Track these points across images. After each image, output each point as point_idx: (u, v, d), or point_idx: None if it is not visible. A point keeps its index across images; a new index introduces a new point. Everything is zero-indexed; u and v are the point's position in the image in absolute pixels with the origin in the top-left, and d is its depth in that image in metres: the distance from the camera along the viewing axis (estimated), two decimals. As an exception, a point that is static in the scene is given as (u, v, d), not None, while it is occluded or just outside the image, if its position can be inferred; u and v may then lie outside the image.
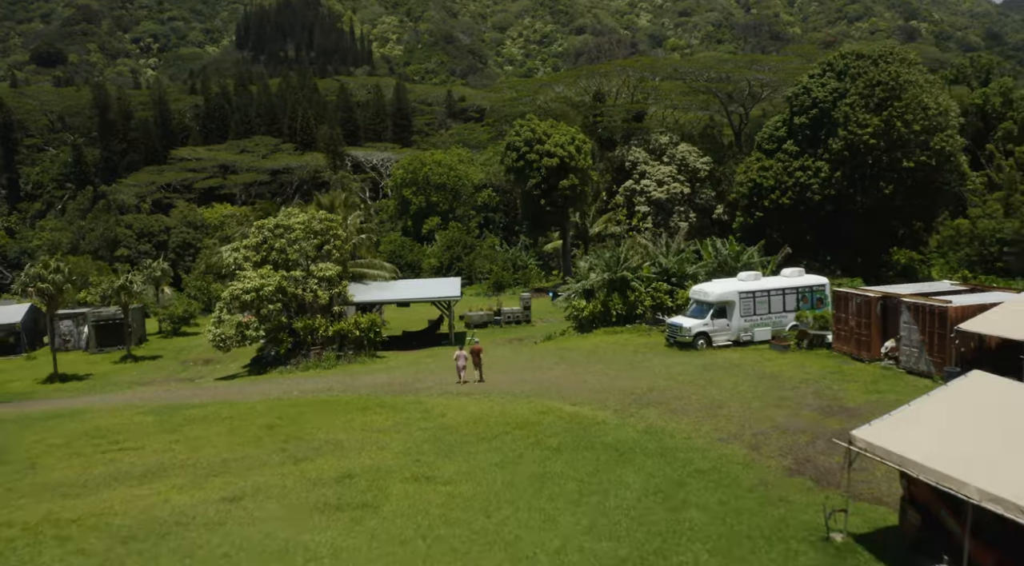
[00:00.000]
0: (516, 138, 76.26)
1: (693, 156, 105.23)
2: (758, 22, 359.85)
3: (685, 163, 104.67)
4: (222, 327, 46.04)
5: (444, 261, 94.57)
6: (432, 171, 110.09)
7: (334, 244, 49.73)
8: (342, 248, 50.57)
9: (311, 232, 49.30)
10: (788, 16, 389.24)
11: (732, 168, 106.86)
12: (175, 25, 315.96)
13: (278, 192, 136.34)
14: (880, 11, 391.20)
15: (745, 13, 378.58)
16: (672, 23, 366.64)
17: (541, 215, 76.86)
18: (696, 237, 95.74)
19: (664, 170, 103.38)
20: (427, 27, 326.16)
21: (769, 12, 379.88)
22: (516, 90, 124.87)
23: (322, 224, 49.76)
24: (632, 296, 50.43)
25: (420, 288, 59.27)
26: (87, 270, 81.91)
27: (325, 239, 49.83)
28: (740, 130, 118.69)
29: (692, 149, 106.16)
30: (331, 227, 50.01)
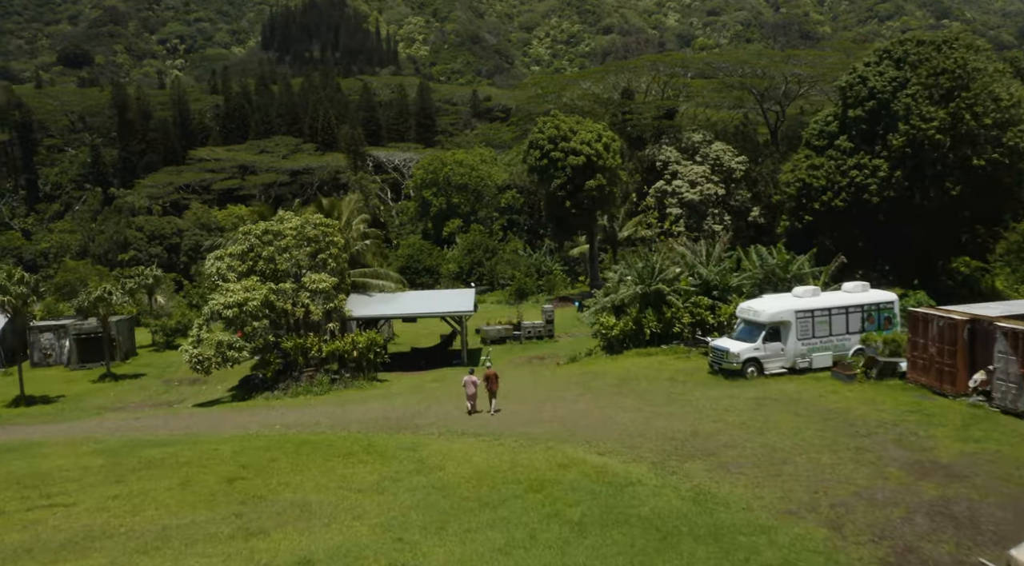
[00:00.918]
0: (540, 135, 69.75)
1: (728, 155, 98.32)
2: (787, 21, 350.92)
3: (719, 163, 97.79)
4: (201, 347, 39.93)
5: (464, 266, 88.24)
6: (453, 171, 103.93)
7: (330, 253, 43.48)
8: (339, 257, 44.31)
9: (304, 239, 43.14)
10: (817, 15, 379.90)
11: (769, 168, 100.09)
12: (201, 26, 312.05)
13: (299, 193, 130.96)
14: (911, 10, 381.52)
15: (774, 12, 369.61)
16: (700, 22, 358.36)
17: (566, 218, 70.29)
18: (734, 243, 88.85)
19: (697, 170, 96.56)
20: (453, 27, 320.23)
21: (799, 11, 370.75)
22: (541, 87, 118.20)
23: (317, 230, 43.55)
24: (668, 312, 43.73)
25: (429, 301, 52.84)
26: (86, 275, 76.28)
27: (320, 247, 43.62)
28: (776, 128, 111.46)
29: (727, 148, 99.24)
30: (327, 233, 43.78)
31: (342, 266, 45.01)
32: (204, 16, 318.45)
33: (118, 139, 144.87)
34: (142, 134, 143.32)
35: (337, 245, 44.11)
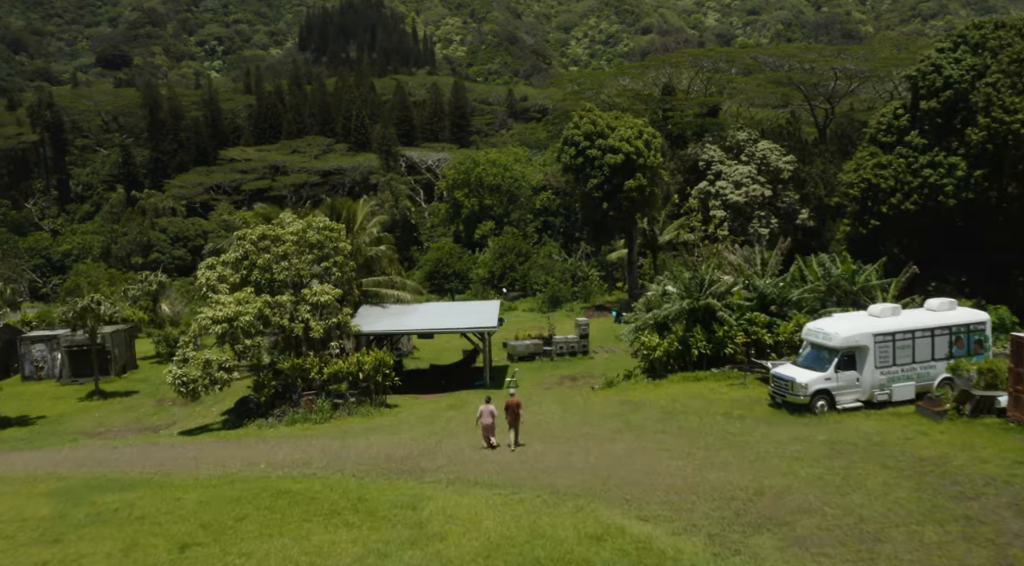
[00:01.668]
0: (575, 131, 63.98)
1: (775, 154, 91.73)
2: (829, 20, 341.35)
3: (766, 162, 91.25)
4: (187, 367, 34.75)
5: (495, 271, 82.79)
6: (486, 171, 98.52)
7: (335, 261, 38.11)
8: (345, 266, 38.92)
9: (306, 245, 37.85)
10: (859, 14, 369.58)
11: (819, 168, 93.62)
12: (240, 28, 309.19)
13: (330, 194, 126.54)
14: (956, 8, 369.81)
15: (816, 11, 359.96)
16: (741, 22, 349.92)
17: (603, 220, 64.39)
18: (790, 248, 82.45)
19: (742, 170, 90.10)
20: (491, 28, 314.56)
21: (840, 10, 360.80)
22: (578, 84, 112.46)
23: (320, 235, 38.20)
24: (720, 331, 37.75)
25: (449, 314, 47.09)
26: (98, 280, 71.86)
27: (324, 254, 38.29)
28: (825, 127, 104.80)
29: (774, 146, 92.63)
30: (332, 238, 38.42)
31: (349, 275, 39.64)
32: (242, 18, 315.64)
33: (149, 139, 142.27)
34: (173, 134, 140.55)
35: (343, 252, 38.73)
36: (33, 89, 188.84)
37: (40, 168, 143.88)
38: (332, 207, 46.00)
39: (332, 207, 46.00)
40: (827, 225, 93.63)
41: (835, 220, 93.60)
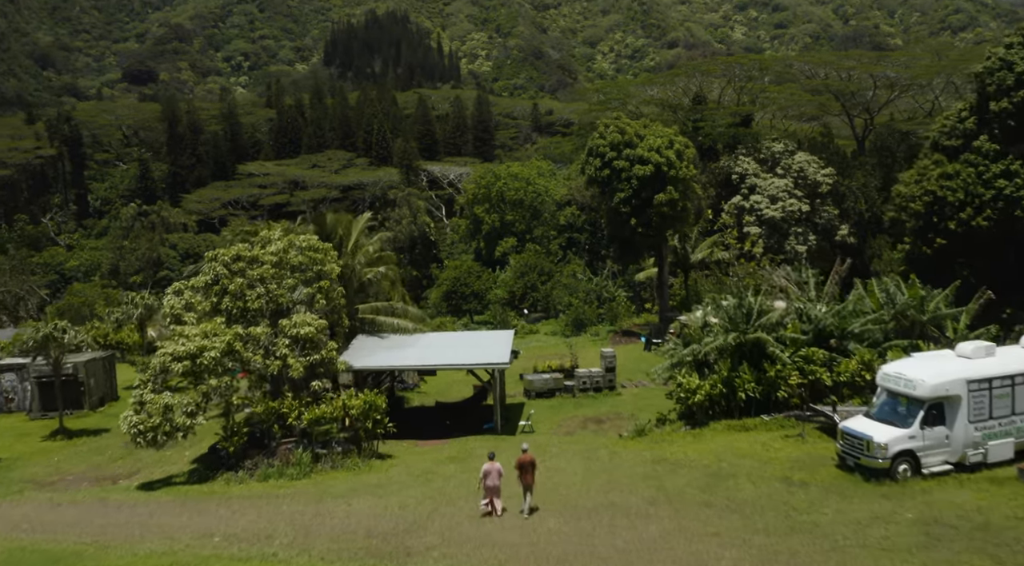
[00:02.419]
0: (600, 141, 58.12)
1: (813, 167, 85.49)
2: (857, 33, 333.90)
3: (803, 175, 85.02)
4: (144, 412, 29.24)
5: (516, 291, 76.94)
6: (507, 185, 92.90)
7: (320, 286, 32.45)
8: (332, 291, 33.17)
9: (287, 268, 32.27)
10: (888, 27, 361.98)
11: (860, 181, 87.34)
12: (266, 43, 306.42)
13: (350, 209, 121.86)
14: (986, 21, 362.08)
15: (844, 24, 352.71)
16: (768, 35, 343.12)
17: (632, 238, 58.32)
18: (817, 265, 76.15)
19: (778, 184, 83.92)
20: (516, 43, 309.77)
21: (869, 23, 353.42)
22: (604, 94, 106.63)
23: (304, 256, 32.56)
24: (771, 370, 31.63)
25: (455, 347, 40.68)
26: (93, 299, 66.87)
27: (307, 278, 32.66)
28: (863, 138, 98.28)
29: (811, 159, 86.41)
30: (317, 260, 32.76)
31: (337, 303, 33.87)
32: (268, 34, 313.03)
33: (167, 153, 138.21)
34: (192, 148, 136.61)
35: (331, 275, 33.07)
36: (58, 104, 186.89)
37: (59, 183, 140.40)
38: (321, 222, 40.14)
39: (321, 222, 40.14)
40: (868, 242, 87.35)
41: (876, 236, 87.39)
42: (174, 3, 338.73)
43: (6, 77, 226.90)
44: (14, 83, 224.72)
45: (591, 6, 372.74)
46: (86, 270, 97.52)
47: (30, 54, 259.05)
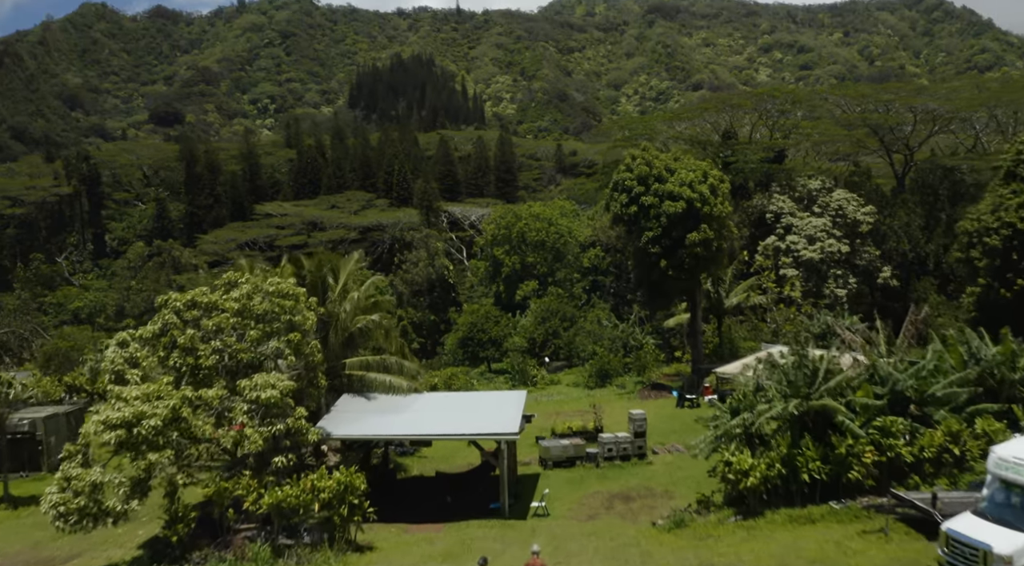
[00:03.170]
0: (626, 175, 52.27)
1: (852, 205, 79.53)
2: (883, 74, 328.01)
3: (842, 214, 79.06)
4: (68, 492, 23.38)
5: (537, 337, 70.87)
6: (528, 226, 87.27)
7: (288, 339, 26.53)
8: (303, 345, 27.10)
9: (251, 317, 26.48)
10: (913, 67, 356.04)
11: (903, 220, 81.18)
12: (292, 86, 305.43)
13: (369, 251, 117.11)
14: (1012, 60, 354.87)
15: (869, 65, 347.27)
16: (793, 77, 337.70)
17: (661, 281, 52.14)
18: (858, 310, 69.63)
19: (816, 223, 77.90)
20: (541, 86, 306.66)
21: (894, 64, 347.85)
22: (629, 129, 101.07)
23: (269, 303, 26.74)
24: (841, 445, 25.27)
25: (456, 410, 33.87)
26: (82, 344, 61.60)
27: (274, 329, 26.80)
28: (903, 175, 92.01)
29: (851, 197, 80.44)
30: (288, 307, 26.89)
31: (312, 359, 27.87)
32: (295, 77, 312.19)
33: (185, 193, 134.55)
34: (210, 188, 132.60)
35: (304, 326, 27.19)
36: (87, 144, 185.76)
37: (76, 222, 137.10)
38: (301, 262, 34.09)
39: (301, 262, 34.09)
40: (912, 285, 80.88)
41: (921, 279, 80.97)
42: (202, 46, 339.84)
43: (34, 118, 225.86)
44: (42, 124, 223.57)
45: (615, 49, 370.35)
46: (90, 311, 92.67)
47: (58, 95, 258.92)
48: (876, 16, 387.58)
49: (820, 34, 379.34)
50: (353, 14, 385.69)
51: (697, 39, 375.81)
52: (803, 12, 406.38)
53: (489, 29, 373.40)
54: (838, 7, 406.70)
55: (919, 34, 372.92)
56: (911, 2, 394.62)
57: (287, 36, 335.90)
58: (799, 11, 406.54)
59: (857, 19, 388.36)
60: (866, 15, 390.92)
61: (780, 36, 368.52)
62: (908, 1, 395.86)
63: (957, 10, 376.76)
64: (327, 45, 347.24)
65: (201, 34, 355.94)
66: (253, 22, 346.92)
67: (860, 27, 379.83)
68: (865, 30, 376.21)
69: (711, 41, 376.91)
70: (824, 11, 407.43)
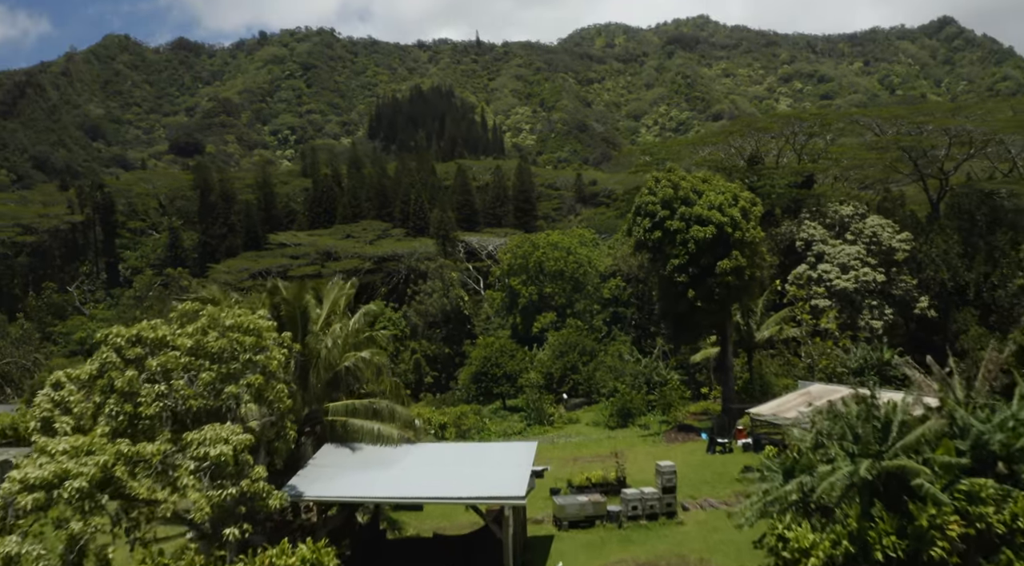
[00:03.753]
0: (650, 198, 47.75)
1: (887, 232, 74.73)
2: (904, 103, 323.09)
3: (876, 241, 74.28)
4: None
5: (555, 372, 66.16)
6: (546, 255, 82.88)
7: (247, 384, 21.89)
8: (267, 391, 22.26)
9: (204, 357, 21.96)
10: (935, 96, 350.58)
11: (940, 247, 76.21)
12: (312, 118, 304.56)
13: (384, 281, 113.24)
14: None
15: (890, 94, 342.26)
16: (814, 107, 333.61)
17: (689, 313, 47.37)
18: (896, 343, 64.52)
19: (849, 251, 73.11)
20: (560, 117, 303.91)
21: (915, 92, 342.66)
22: (651, 154, 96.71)
23: (225, 341, 22.18)
24: (922, 515, 20.39)
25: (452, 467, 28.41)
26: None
27: (231, 371, 22.22)
28: (938, 200, 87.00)
29: (885, 223, 75.67)
30: (248, 344, 22.25)
31: (280, 406, 23.13)
32: (315, 108, 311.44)
33: (199, 222, 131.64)
34: (224, 217, 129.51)
35: (269, 368, 22.60)
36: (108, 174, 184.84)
37: (90, 251, 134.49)
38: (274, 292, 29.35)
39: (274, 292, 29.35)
40: (952, 316, 75.64)
41: (961, 309, 75.78)
42: (224, 78, 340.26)
43: (56, 147, 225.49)
44: (63, 153, 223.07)
45: (635, 80, 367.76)
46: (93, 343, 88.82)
47: (80, 125, 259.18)
48: (896, 45, 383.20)
49: (840, 63, 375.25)
50: (374, 46, 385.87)
51: (717, 69, 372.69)
52: (823, 42, 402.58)
53: (509, 61, 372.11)
54: (858, 36, 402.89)
55: (940, 62, 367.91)
56: (931, 30, 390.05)
57: (308, 68, 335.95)
58: (819, 41, 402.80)
59: (877, 48, 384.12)
60: (886, 44, 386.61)
61: (800, 66, 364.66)
62: (928, 30, 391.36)
63: (978, 38, 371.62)
64: (348, 77, 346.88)
65: (223, 66, 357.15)
66: (275, 54, 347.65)
67: (880, 56, 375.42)
68: (885, 59, 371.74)
69: (731, 71, 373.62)
70: (844, 40, 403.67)
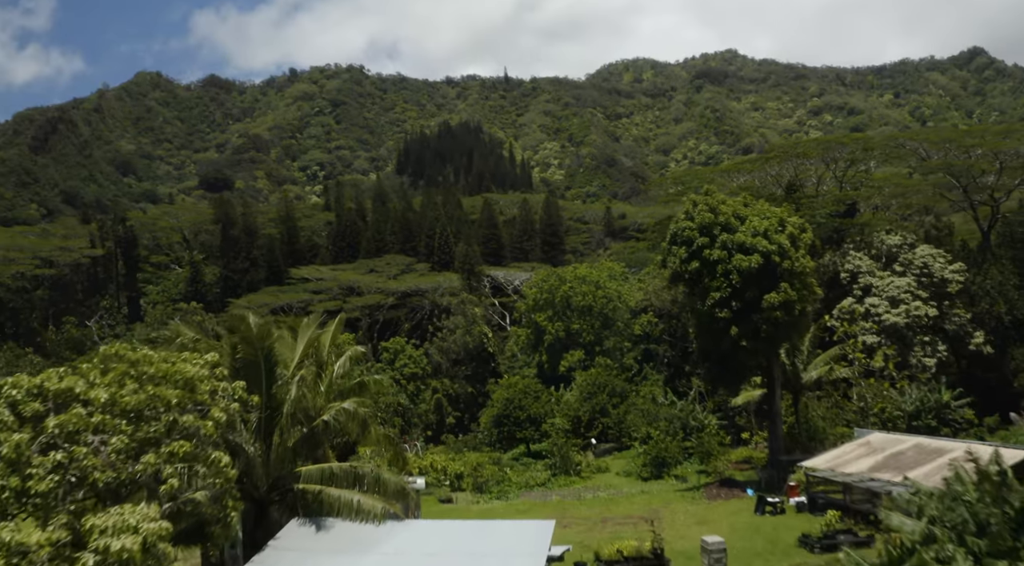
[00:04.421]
0: (687, 224, 42.36)
1: (939, 262, 68.76)
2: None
3: (927, 272, 68.34)
4: None
5: (582, 415, 60.62)
6: (573, 290, 77.76)
7: (168, 451, 16.36)
8: (199, 461, 16.91)
9: (121, 414, 16.65)
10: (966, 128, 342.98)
11: (996, 278, 70.19)
12: (341, 154, 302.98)
13: (408, 317, 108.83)
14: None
15: (921, 126, 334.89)
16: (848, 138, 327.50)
17: (732, 353, 41.57)
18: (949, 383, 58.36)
19: (899, 283, 67.19)
20: (589, 151, 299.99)
21: (947, 124, 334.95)
22: (682, 183, 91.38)
23: (143, 396, 16.69)
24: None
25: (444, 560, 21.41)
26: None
27: (151, 437, 16.72)
28: (989, 229, 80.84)
29: (936, 252, 69.77)
30: (172, 400, 16.77)
31: (215, 479, 17.53)
32: (344, 144, 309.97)
33: (220, 256, 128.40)
34: (247, 251, 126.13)
35: (204, 431, 17.13)
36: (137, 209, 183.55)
37: (112, 285, 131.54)
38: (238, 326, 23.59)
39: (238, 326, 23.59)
40: (1010, 353, 69.28)
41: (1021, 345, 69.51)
42: (254, 114, 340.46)
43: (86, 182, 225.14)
44: (94, 189, 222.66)
45: (664, 114, 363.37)
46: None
47: (111, 161, 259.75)
48: (926, 76, 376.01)
49: (870, 96, 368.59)
50: (403, 83, 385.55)
51: (746, 103, 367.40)
52: (852, 74, 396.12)
53: (537, 96, 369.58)
54: (887, 69, 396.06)
55: (971, 93, 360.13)
56: (961, 61, 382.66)
57: (337, 105, 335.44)
58: (848, 73, 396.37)
59: (907, 80, 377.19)
60: (916, 76, 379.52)
61: (830, 99, 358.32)
62: (958, 61, 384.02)
63: (1008, 68, 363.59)
64: (377, 113, 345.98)
65: (253, 102, 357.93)
66: (305, 91, 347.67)
67: (910, 88, 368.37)
68: (916, 91, 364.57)
69: (760, 105, 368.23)
70: (873, 73, 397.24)
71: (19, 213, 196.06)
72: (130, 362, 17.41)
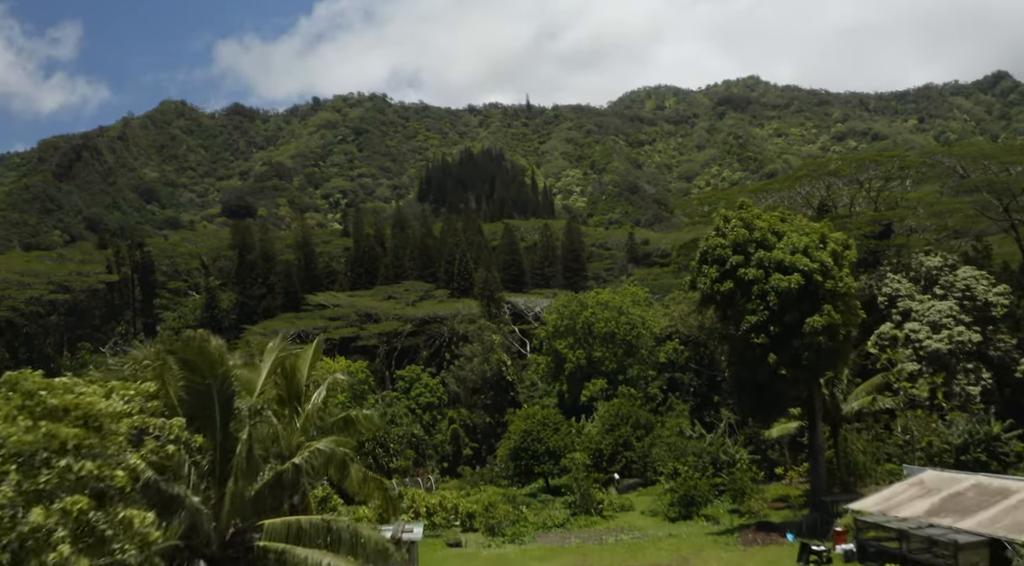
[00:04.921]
0: (719, 241, 38.49)
1: (982, 285, 64.35)
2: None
3: (970, 295, 63.90)
4: None
5: (605, 449, 56.47)
6: (595, 316, 73.86)
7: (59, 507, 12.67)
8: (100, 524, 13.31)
9: (9, 458, 12.97)
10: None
11: (1045, 300, 65.78)
12: (363, 181, 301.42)
13: (427, 344, 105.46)
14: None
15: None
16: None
17: (770, 383, 37.47)
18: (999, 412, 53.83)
19: (940, 307, 62.80)
20: (611, 178, 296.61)
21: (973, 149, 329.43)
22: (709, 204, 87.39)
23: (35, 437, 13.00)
24: None
25: None
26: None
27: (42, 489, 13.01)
28: (1032, 249, 76.35)
29: (979, 274, 65.40)
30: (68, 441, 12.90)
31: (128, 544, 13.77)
32: (367, 172, 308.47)
33: (237, 282, 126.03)
34: (264, 277, 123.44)
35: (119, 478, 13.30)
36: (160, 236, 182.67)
37: (128, 310, 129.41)
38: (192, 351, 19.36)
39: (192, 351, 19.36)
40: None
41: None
42: (277, 142, 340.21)
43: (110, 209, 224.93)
44: (118, 216, 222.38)
45: (686, 141, 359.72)
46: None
47: (135, 188, 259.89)
48: (950, 101, 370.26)
49: (894, 121, 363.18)
50: (425, 111, 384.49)
51: (769, 129, 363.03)
52: (875, 100, 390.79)
53: (559, 124, 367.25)
54: (911, 94, 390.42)
55: (995, 118, 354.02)
56: (986, 86, 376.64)
57: (360, 133, 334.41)
58: (871, 99, 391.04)
59: (931, 105, 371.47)
60: (940, 100, 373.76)
61: (853, 124, 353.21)
62: (983, 85, 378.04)
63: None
64: (399, 141, 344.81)
65: (277, 131, 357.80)
66: (328, 119, 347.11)
67: (935, 113, 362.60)
68: (940, 115, 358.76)
69: (783, 131, 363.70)
70: (896, 98, 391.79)
71: (42, 239, 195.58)
72: (25, 393, 13.68)
